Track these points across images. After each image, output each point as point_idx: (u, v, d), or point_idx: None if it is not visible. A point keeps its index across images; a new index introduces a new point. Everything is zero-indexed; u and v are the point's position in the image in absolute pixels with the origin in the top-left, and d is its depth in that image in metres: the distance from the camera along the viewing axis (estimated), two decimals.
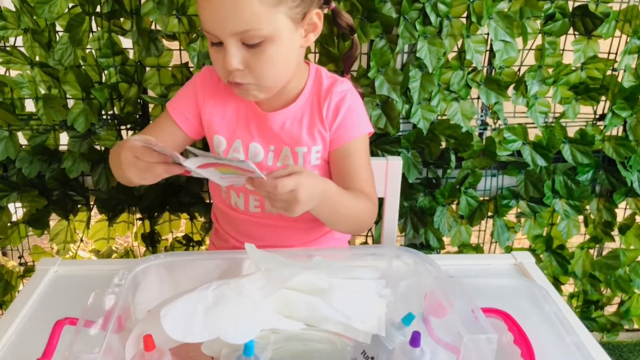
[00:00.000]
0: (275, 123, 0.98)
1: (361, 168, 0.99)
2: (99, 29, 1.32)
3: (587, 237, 1.65)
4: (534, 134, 1.51)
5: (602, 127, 1.52)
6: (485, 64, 1.45)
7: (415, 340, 0.59)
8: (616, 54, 1.47)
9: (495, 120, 1.51)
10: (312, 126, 0.98)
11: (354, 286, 0.67)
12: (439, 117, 1.46)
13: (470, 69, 1.43)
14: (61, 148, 1.43)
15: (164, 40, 1.35)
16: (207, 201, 1.52)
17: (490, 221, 1.60)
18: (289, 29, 0.86)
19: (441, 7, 1.33)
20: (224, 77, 0.90)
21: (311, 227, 1.07)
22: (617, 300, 1.76)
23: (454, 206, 1.55)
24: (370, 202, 0.97)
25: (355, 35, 1.09)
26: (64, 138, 1.42)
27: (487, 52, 1.43)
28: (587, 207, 1.62)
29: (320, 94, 0.98)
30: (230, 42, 0.83)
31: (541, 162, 1.50)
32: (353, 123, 0.99)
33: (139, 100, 1.41)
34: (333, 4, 1.02)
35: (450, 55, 1.41)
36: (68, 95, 1.36)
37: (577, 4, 1.41)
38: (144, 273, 0.72)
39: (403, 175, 1.41)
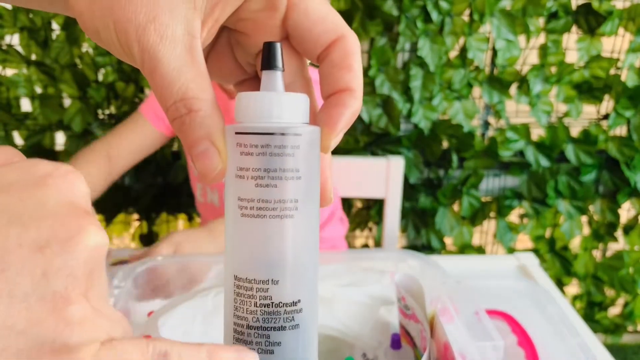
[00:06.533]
0: None
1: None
2: None
3: (591, 238, 1.63)
4: (536, 133, 1.50)
5: (605, 127, 1.51)
6: (488, 63, 1.43)
7: (395, 343, 0.60)
8: (620, 52, 1.45)
9: (498, 120, 1.50)
10: None
11: (357, 296, 0.66)
12: (441, 117, 1.45)
13: (472, 67, 1.41)
14: (57, 148, 1.42)
15: None
16: None
17: (493, 222, 1.58)
18: None
19: (443, 4, 1.31)
20: None
21: None
22: (620, 301, 1.74)
23: (455, 207, 1.54)
24: None
25: None
26: (60, 138, 1.40)
27: (490, 51, 1.41)
28: (591, 207, 1.60)
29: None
30: None
31: (544, 162, 1.49)
32: None
33: (135, 99, 1.39)
34: None
35: (452, 54, 1.39)
36: (64, 95, 1.35)
37: (580, 1, 1.39)
38: (145, 275, 0.70)
39: (404, 175, 1.40)
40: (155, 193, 1.47)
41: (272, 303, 0.27)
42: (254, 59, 0.30)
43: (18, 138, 1.39)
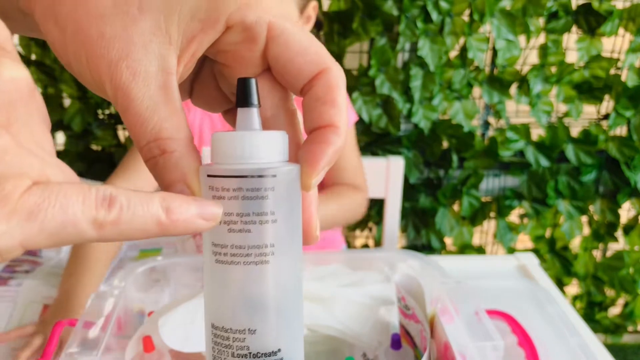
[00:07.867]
0: None
1: (348, 159, 1.03)
2: None
3: (591, 238, 1.63)
4: (536, 133, 1.50)
5: (605, 127, 1.51)
6: (488, 63, 1.43)
7: (395, 343, 0.59)
8: (620, 52, 1.45)
9: (498, 120, 1.50)
10: None
11: (356, 296, 0.66)
12: (441, 117, 1.45)
13: (472, 67, 1.41)
14: (57, 148, 1.42)
15: None
16: None
17: (493, 222, 1.58)
18: (295, 18, 0.88)
19: (443, 4, 1.31)
20: None
21: None
22: (621, 301, 1.74)
23: (455, 207, 1.54)
24: (359, 195, 1.03)
25: (321, 32, 1.11)
26: (60, 138, 1.40)
27: (490, 51, 1.41)
28: (591, 207, 1.60)
29: None
30: None
31: (544, 162, 1.49)
32: None
33: None
34: None
35: (452, 54, 1.39)
36: (64, 95, 1.35)
37: (580, 1, 1.39)
38: (145, 275, 0.70)
39: (404, 175, 1.39)
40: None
41: (250, 353, 0.26)
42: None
43: None
